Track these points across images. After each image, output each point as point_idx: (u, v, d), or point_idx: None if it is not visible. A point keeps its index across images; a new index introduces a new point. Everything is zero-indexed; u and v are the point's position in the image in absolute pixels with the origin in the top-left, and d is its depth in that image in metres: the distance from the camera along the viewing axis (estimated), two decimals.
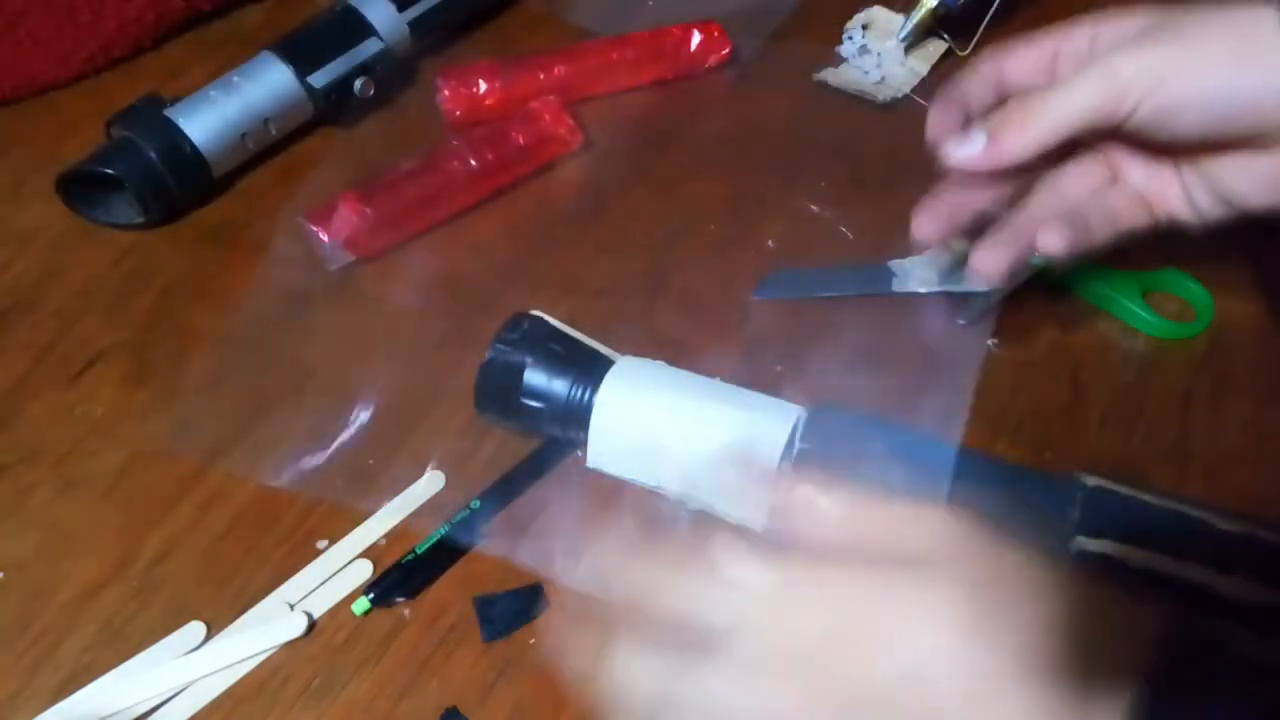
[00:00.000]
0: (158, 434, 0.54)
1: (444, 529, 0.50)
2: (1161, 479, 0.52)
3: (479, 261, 0.61)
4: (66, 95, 0.68)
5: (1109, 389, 0.55)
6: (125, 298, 0.59)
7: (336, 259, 0.59)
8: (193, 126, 0.61)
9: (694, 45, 0.68)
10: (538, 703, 0.46)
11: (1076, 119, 0.45)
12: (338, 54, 0.64)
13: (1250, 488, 0.52)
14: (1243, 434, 0.54)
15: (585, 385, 0.50)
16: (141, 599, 0.49)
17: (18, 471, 0.53)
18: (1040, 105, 0.45)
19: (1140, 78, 0.44)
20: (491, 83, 0.66)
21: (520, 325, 0.51)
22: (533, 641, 0.47)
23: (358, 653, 0.47)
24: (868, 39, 0.70)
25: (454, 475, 0.52)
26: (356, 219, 0.58)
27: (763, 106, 0.68)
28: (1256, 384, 0.56)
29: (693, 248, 0.61)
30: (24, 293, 0.59)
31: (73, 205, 0.62)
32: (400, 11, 0.67)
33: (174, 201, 0.61)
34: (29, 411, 0.55)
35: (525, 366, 0.50)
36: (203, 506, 0.51)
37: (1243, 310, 0.58)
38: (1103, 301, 0.58)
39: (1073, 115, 0.45)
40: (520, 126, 0.63)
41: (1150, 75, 0.44)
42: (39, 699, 0.46)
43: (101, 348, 0.57)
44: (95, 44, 0.68)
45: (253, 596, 0.49)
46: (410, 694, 0.46)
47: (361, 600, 0.48)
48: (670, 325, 0.57)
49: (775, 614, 0.31)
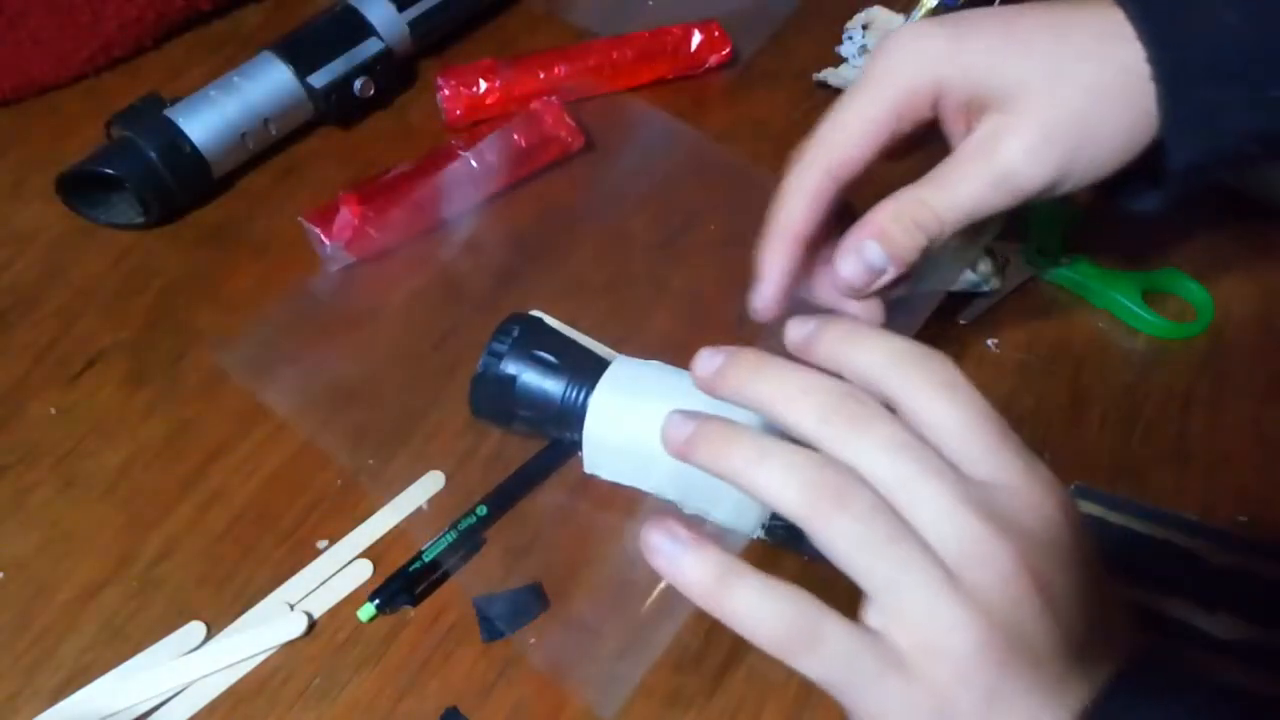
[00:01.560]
0: (158, 434, 0.54)
1: (450, 535, 0.50)
2: (1161, 479, 0.52)
3: (479, 262, 0.61)
4: (66, 95, 0.68)
5: (1109, 389, 0.55)
6: (125, 298, 0.59)
7: (336, 259, 0.59)
8: (193, 126, 0.61)
9: (694, 45, 0.68)
10: (538, 703, 0.46)
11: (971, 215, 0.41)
12: (338, 54, 0.64)
13: (1250, 488, 0.52)
14: (1243, 434, 0.54)
15: (580, 389, 0.49)
16: (141, 599, 0.49)
17: (18, 471, 0.53)
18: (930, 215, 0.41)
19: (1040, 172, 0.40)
20: (491, 83, 0.66)
21: (510, 332, 0.51)
22: (533, 641, 0.47)
23: (358, 653, 0.47)
24: (868, 39, 0.70)
25: (454, 475, 0.52)
26: (356, 219, 0.58)
27: (763, 106, 0.68)
28: (1256, 384, 0.56)
29: (693, 248, 0.61)
30: (24, 293, 0.59)
31: (73, 205, 0.62)
32: (400, 11, 0.67)
33: (174, 201, 0.61)
34: (29, 411, 0.55)
35: (517, 377, 0.50)
36: (203, 506, 0.51)
37: (1243, 310, 0.58)
38: (1103, 301, 0.58)
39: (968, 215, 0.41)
40: (521, 127, 0.63)
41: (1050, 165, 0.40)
42: (39, 699, 0.46)
43: (101, 348, 0.57)
44: (95, 44, 0.68)
45: (253, 596, 0.49)
46: (410, 694, 0.46)
47: (367, 606, 0.48)
48: (670, 325, 0.57)
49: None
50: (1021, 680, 0.31)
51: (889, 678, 0.31)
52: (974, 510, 0.31)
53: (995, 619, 0.31)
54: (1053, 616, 0.31)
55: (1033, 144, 0.40)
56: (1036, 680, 0.31)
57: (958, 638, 0.31)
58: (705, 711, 0.46)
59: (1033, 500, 0.32)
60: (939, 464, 0.32)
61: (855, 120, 0.41)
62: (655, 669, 0.47)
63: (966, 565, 0.31)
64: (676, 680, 0.47)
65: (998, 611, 0.31)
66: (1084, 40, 0.41)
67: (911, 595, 0.31)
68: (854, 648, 0.32)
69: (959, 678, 0.31)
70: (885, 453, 0.32)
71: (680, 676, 0.47)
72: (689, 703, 0.46)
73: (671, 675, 0.47)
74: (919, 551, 0.31)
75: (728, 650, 0.47)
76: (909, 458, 0.32)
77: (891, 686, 0.31)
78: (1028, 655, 0.31)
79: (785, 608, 0.32)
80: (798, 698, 0.46)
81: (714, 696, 0.46)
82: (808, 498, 0.32)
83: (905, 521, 0.32)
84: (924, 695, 0.31)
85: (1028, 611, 0.31)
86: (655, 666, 0.47)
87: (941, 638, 0.31)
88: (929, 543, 0.31)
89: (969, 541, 0.31)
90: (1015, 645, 0.31)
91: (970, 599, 0.31)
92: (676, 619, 0.47)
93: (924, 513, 0.32)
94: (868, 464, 0.32)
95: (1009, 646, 0.31)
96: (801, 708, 0.46)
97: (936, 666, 0.31)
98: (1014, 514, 0.32)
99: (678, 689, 0.46)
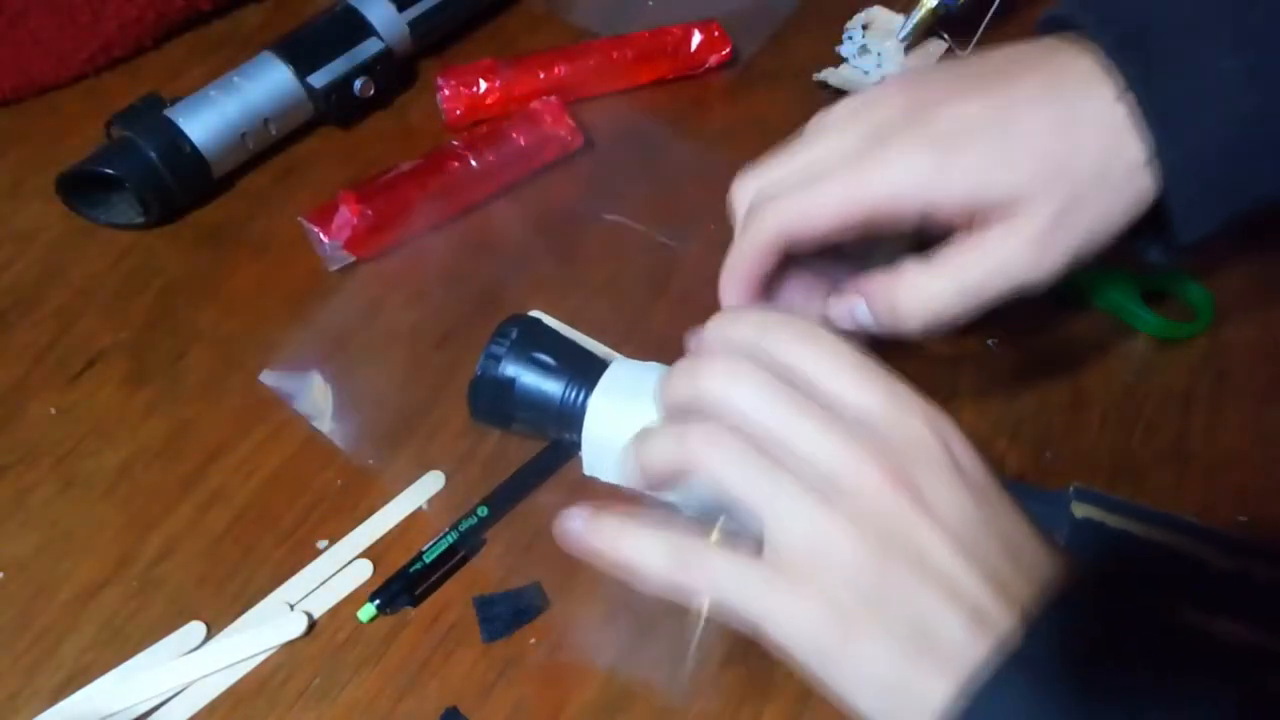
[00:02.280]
0: (158, 434, 0.54)
1: (451, 536, 0.50)
2: (1161, 479, 0.52)
3: (479, 261, 0.61)
4: (66, 95, 0.68)
5: (1109, 389, 0.55)
6: (125, 298, 0.59)
7: (336, 259, 0.59)
8: (193, 126, 0.61)
9: (694, 45, 0.68)
10: (538, 703, 0.46)
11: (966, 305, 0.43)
12: (338, 54, 0.64)
13: (1250, 488, 0.52)
14: (1243, 434, 0.54)
15: (579, 390, 0.49)
16: (141, 599, 0.49)
17: (18, 471, 0.53)
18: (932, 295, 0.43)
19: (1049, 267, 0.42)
20: (491, 83, 0.66)
21: (509, 334, 0.50)
22: (533, 641, 0.47)
23: (358, 653, 0.47)
24: (868, 39, 0.70)
25: (454, 475, 0.52)
26: (356, 219, 0.58)
27: (763, 106, 0.68)
28: (1256, 384, 0.56)
29: (693, 248, 0.61)
30: (24, 293, 0.59)
31: (73, 205, 0.62)
32: (400, 11, 0.67)
33: (174, 201, 0.61)
34: (29, 411, 0.55)
35: (515, 379, 0.50)
36: (203, 506, 0.51)
37: (1243, 310, 0.58)
38: (1103, 301, 0.58)
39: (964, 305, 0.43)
40: (520, 126, 0.63)
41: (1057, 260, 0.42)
42: (39, 699, 0.46)
43: (101, 348, 0.57)
44: (95, 44, 0.68)
45: (253, 596, 0.49)
46: (410, 694, 0.46)
47: (368, 607, 0.48)
48: (670, 325, 0.57)
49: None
50: (906, 582, 0.33)
51: (779, 591, 0.33)
52: (841, 434, 0.34)
53: (872, 525, 0.33)
54: (934, 523, 0.33)
55: (1037, 243, 0.41)
56: (923, 582, 0.33)
57: (837, 544, 0.33)
58: (705, 711, 0.46)
59: (899, 421, 0.35)
60: (806, 403, 0.35)
61: (830, 205, 0.42)
62: (656, 668, 0.47)
63: (840, 482, 0.34)
64: (677, 680, 0.47)
65: (873, 518, 0.33)
66: (1084, 136, 0.41)
67: (791, 513, 0.34)
68: (739, 567, 0.34)
69: (844, 581, 0.33)
70: (754, 402, 0.35)
71: (680, 677, 0.47)
72: (689, 703, 0.46)
73: (672, 675, 0.47)
74: (792, 478, 0.34)
75: (728, 650, 0.47)
76: (777, 401, 0.35)
77: (783, 598, 0.33)
78: (911, 557, 0.33)
79: (664, 538, 0.36)
80: (798, 698, 0.46)
81: (714, 696, 0.46)
82: (684, 448, 0.36)
83: (782, 457, 0.34)
84: (814, 603, 0.33)
85: (905, 519, 0.33)
86: (657, 664, 0.47)
87: (822, 545, 0.33)
88: (805, 471, 0.34)
89: (839, 461, 0.34)
90: (894, 548, 0.33)
91: (846, 510, 0.33)
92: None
93: (798, 446, 0.34)
94: (740, 416, 0.36)
95: (888, 550, 0.33)
96: (802, 708, 0.46)
97: (821, 573, 0.33)
98: (883, 435, 0.35)
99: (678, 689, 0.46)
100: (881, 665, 0.32)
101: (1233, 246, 0.60)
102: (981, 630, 0.32)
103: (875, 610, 0.33)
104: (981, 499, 0.34)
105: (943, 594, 0.32)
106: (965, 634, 0.32)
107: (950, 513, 0.34)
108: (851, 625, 0.33)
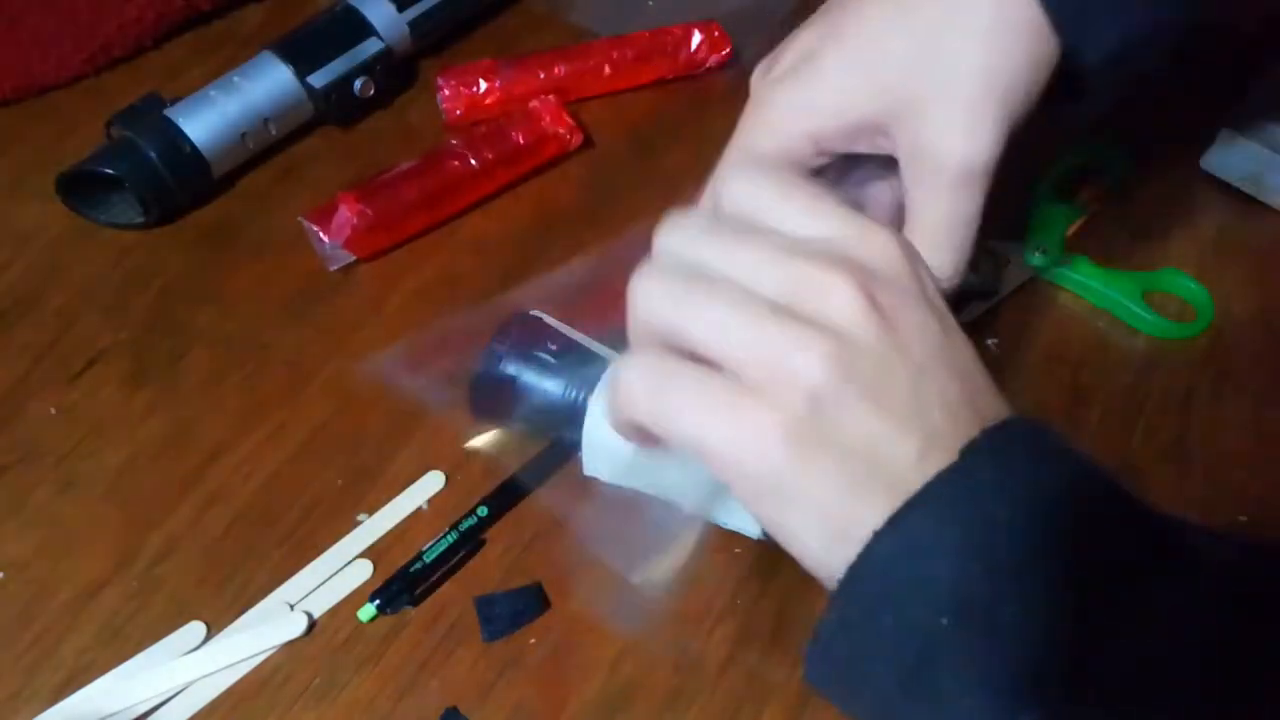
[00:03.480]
0: (158, 434, 0.54)
1: (451, 536, 0.50)
2: (1161, 479, 0.52)
3: (479, 261, 0.61)
4: (66, 95, 0.68)
5: (1109, 389, 0.55)
6: (125, 298, 0.59)
7: (336, 259, 0.59)
8: (193, 126, 0.61)
9: (694, 45, 0.68)
10: (538, 703, 0.46)
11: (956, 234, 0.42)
12: (338, 54, 0.64)
13: (1250, 488, 0.52)
14: (1243, 434, 0.54)
15: (580, 389, 0.49)
16: (141, 599, 0.49)
17: (18, 471, 0.53)
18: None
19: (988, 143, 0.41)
20: (491, 83, 0.66)
21: (509, 334, 0.50)
22: (533, 641, 0.47)
23: (358, 653, 0.47)
24: None
25: (454, 475, 0.52)
26: (356, 219, 0.58)
27: None
28: (1256, 384, 0.56)
29: None
30: (24, 293, 0.59)
31: (73, 205, 0.62)
32: (400, 11, 0.67)
33: (174, 201, 0.61)
34: (29, 411, 0.55)
35: (516, 377, 0.50)
36: (203, 506, 0.51)
37: (1243, 310, 0.58)
38: (1103, 301, 0.58)
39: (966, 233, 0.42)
40: (520, 126, 0.63)
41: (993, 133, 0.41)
42: (39, 699, 0.46)
43: (101, 348, 0.57)
44: (95, 44, 0.68)
45: (253, 596, 0.49)
46: (410, 694, 0.46)
47: (367, 607, 0.48)
48: None
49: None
50: (863, 405, 0.32)
51: (745, 407, 0.32)
52: (800, 256, 0.33)
53: (837, 338, 0.32)
54: (900, 346, 0.32)
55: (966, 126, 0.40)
56: (878, 407, 0.32)
57: (801, 357, 0.32)
58: (705, 711, 0.46)
59: (864, 240, 0.34)
60: (761, 237, 0.34)
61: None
62: (656, 667, 0.47)
63: (803, 299, 0.33)
64: (676, 680, 0.47)
65: (838, 330, 0.32)
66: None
67: (756, 334, 0.32)
68: (705, 381, 0.33)
69: (807, 394, 0.31)
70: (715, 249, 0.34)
71: (680, 676, 0.47)
72: (689, 703, 0.46)
73: (671, 675, 0.47)
74: (757, 302, 0.33)
75: (728, 650, 0.47)
76: (736, 243, 0.34)
77: (748, 414, 0.32)
78: (876, 374, 0.32)
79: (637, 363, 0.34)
80: (798, 697, 0.46)
81: (714, 696, 0.46)
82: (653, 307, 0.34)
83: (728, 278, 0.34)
84: (778, 416, 0.32)
85: (871, 334, 0.32)
86: (656, 664, 0.47)
87: (786, 359, 0.32)
88: (770, 295, 0.33)
89: (802, 281, 0.33)
90: (859, 362, 0.32)
91: (811, 323, 0.32)
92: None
93: (763, 280, 0.33)
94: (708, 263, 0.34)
95: (853, 363, 0.32)
96: (802, 708, 0.46)
97: (786, 389, 0.32)
98: (841, 252, 0.33)
99: (678, 689, 0.46)
100: (830, 491, 0.31)
101: (1233, 246, 0.60)
102: (931, 461, 0.31)
103: (828, 434, 0.31)
104: (946, 327, 0.34)
105: (897, 422, 0.32)
106: (914, 463, 0.31)
107: (915, 338, 0.33)
108: (803, 447, 0.31)
